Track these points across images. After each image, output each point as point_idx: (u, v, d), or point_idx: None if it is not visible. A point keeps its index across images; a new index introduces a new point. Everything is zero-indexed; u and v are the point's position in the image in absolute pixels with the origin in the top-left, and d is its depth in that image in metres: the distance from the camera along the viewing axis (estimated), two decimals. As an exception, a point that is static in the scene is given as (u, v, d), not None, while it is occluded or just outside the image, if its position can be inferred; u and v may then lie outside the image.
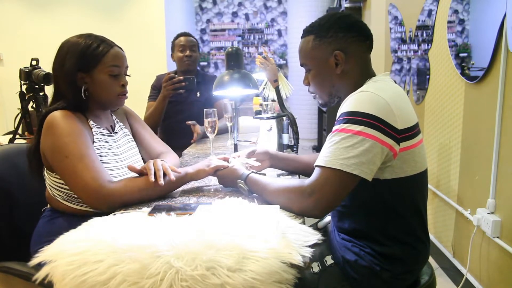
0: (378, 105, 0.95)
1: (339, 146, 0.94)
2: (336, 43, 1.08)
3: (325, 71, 1.12)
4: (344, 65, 1.09)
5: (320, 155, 0.98)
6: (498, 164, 1.68)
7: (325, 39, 1.10)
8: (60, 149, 1.11)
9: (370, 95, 0.97)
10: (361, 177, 0.93)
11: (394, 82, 1.11)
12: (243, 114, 2.97)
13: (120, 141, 1.34)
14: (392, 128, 0.95)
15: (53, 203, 1.24)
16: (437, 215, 2.40)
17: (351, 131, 0.94)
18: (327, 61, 1.10)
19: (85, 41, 1.21)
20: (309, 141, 5.61)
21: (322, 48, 1.10)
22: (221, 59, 6.34)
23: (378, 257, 1.03)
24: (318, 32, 1.11)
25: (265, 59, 1.79)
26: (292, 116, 1.76)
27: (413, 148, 1.00)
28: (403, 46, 3.03)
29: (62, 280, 0.77)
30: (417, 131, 1.04)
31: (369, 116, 0.93)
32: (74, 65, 1.19)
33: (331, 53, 1.09)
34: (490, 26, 1.71)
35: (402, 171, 1.00)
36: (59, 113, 1.16)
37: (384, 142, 0.94)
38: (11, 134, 2.58)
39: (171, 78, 2.09)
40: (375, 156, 0.93)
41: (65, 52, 1.20)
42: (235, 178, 1.18)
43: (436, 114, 2.37)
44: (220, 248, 0.79)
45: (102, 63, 1.22)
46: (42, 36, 4.37)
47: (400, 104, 0.99)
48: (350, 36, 1.08)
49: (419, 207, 1.06)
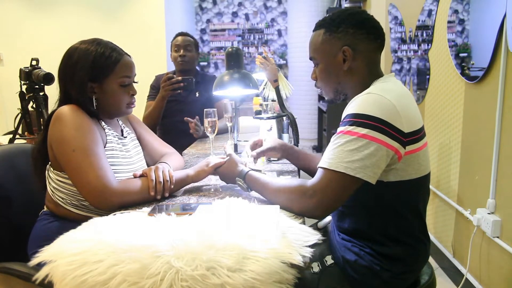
0: (384, 108, 0.94)
1: (343, 148, 0.93)
2: (345, 38, 1.07)
3: (332, 66, 1.11)
4: (352, 62, 1.08)
5: (324, 157, 0.98)
6: (498, 164, 1.68)
7: (335, 33, 1.08)
8: (67, 142, 1.10)
9: (376, 97, 0.96)
10: (364, 180, 0.93)
11: (402, 83, 1.10)
12: (243, 114, 2.96)
13: (129, 145, 1.33)
14: (398, 131, 0.94)
15: (52, 207, 1.21)
16: (437, 215, 2.40)
17: (356, 134, 0.93)
18: (335, 56, 1.09)
19: (96, 49, 1.18)
20: (309, 141, 5.61)
21: (332, 42, 1.09)
22: (221, 59, 6.34)
23: (378, 257, 1.03)
24: (329, 26, 1.10)
25: (265, 59, 1.78)
26: (292, 116, 1.76)
27: (418, 151, 1.00)
28: (403, 46, 3.03)
29: (62, 280, 0.77)
30: (423, 134, 1.03)
31: (375, 119, 0.92)
32: (85, 76, 1.17)
33: (340, 48, 1.08)
34: (490, 26, 1.71)
35: (406, 174, 0.99)
36: (70, 107, 1.14)
37: (390, 145, 0.93)
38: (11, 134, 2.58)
39: (169, 78, 2.09)
40: (380, 160, 0.93)
41: (75, 61, 1.17)
42: (234, 175, 1.18)
43: (436, 114, 2.37)
44: (220, 248, 0.79)
45: (114, 74, 1.20)
46: (42, 36, 4.37)
47: (407, 107, 0.98)
48: (360, 33, 1.07)
49: (419, 209, 1.06)
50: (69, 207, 1.18)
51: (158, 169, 1.18)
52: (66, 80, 1.20)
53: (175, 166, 1.33)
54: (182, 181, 1.22)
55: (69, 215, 1.19)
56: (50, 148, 1.16)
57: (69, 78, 1.19)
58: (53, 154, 1.15)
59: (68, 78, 1.19)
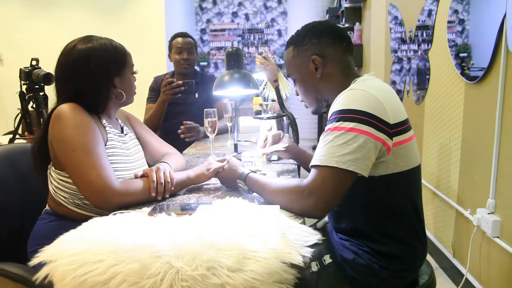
0: (368, 102, 0.96)
1: (333, 144, 0.95)
2: (312, 49, 1.15)
3: (307, 77, 1.17)
4: (323, 69, 1.14)
5: (315, 155, 0.99)
6: (498, 164, 1.68)
7: (302, 47, 1.17)
8: (68, 141, 1.09)
9: (360, 92, 0.99)
10: (357, 173, 0.94)
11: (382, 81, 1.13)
12: (243, 114, 2.96)
13: (129, 143, 1.33)
14: (384, 123, 0.96)
15: (55, 206, 1.21)
16: (437, 215, 2.40)
17: (343, 129, 0.95)
18: (307, 67, 1.16)
19: (105, 43, 1.20)
20: (309, 141, 5.61)
21: (301, 56, 1.17)
22: (221, 59, 6.34)
23: (376, 255, 1.03)
24: (296, 42, 1.19)
25: (265, 59, 1.79)
26: (292, 116, 1.76)
27: (406, 142, 1.02)
28: (403, 46, 3.03)
29: (62, 280, 0.77)
30: (408, 126, 1.05)
31: (361, 113, 0.95)
32: (112, 71, 1.20)
33: (309, 58, 1.14)
34: (490, 26, 1.71)
35: (396, 167, 1.01)
36: (70, 105, 1.14)
37: (377, 137, 0.95)
38: (11, 134, 2.58)
39: (169, 83, 2.08)
40: (370, 152, 0.94)
41: (97, 60, 1.17)
42: (235, 178, 1.18)
43: (436, 114, 2.36)
44: (220, 248, 0.79)
45: (128, 63, 1.25)
46: (42, 36, 4.37)
47: (390, 100, 1.01)
48: (324, 41, 1.14)
49: (414, 203, 1.07)
50: (71, 207, 1.18)
51: (159, 170, 1.18)
52: (81, 80, 1.17)
53: (176, 166, 1.33)
54: (183, 183, 1.23)
55: (71, 215, 1.18)
56: (51, 147, 1.16)
57: (90, 78, 1.17)
58: (54, 153, 1.15)
59: (87, 77, 1.17)
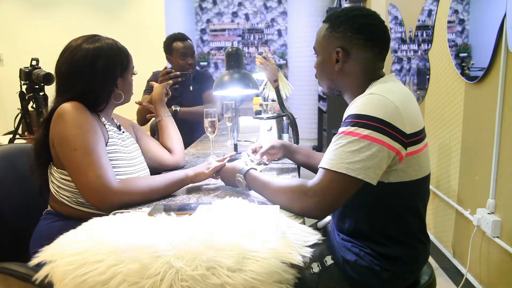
0: (386, 109, 0.93)
1: (345, 149, 0.93)
2: (342, 40, 1.07)
3: (326, 63, 1.12)
4: (343, 64, 1.07)
5: (325, 157, 0.97)
6: (498, 164, 1.68)
7: (334, 32, 1.08)
8: (69, 141, 1.09)
9: (379, 97, 0.95)
10: (365, 181, 0.93)
11: (402, 84, 1.10)
12: (243, 114, 2.96)
13: (127, 141, 1.33)
14: (400, 133, 0.94)
15: (57, 207, 1.20)
16: (437, 215, 2.40)
17: (358, 135, 0.92)
18: (330, 55, 1.10)
19: (112, 43, 1.22)
20: (309, 141, 5.61)
21: (330, 40, 1.09)
22: (221, 59, 6.34)
23: (378, 257, 1.03)
24: (332, 23, 1.09)
25: (265, 59, 1.79)
26: (292, 116, 1.76)
27: (419, 152, 1.00)
28: (403, 46, 3.03)
29: (62, 280, 0.77)
30: (424, 135, 1.03)
31: (377, 120, 0.92)
32: (118, 71, 1.23)
33: (335, 48, 1.08)
34: (490, 26, 1.71)
35: (407, 175, 0.99)
36: (72, 104, 1.13)
37: (392, 146, 0.93)
38: (11, 134, 2.59)
39: (168, 73, 2.09)
40: (381, 161, 0.92)
41: (103, 59, 1.18)
42: (235, 173, 1.17)
43: (436, 114, 2.36)
44: (220, 248, 0.79)
45: (130, 65, 1.27)
46: (42, 36, 4.37)
47: (409, 108, 0.97)
48: (356, 38, 1.05)
49: (420, 209, 1.06)
50: (74, 206, 1.18)
51: None
52: (89, 78, 1.18)
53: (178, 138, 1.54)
54: (181, 181, 1.22)
55: (75, 214, 1.18)
56: (52, 146, 1.16)
57: (97, 77, 1.18)
58: (56, 152, 1.15)
59: (94, 76, 1.18)
